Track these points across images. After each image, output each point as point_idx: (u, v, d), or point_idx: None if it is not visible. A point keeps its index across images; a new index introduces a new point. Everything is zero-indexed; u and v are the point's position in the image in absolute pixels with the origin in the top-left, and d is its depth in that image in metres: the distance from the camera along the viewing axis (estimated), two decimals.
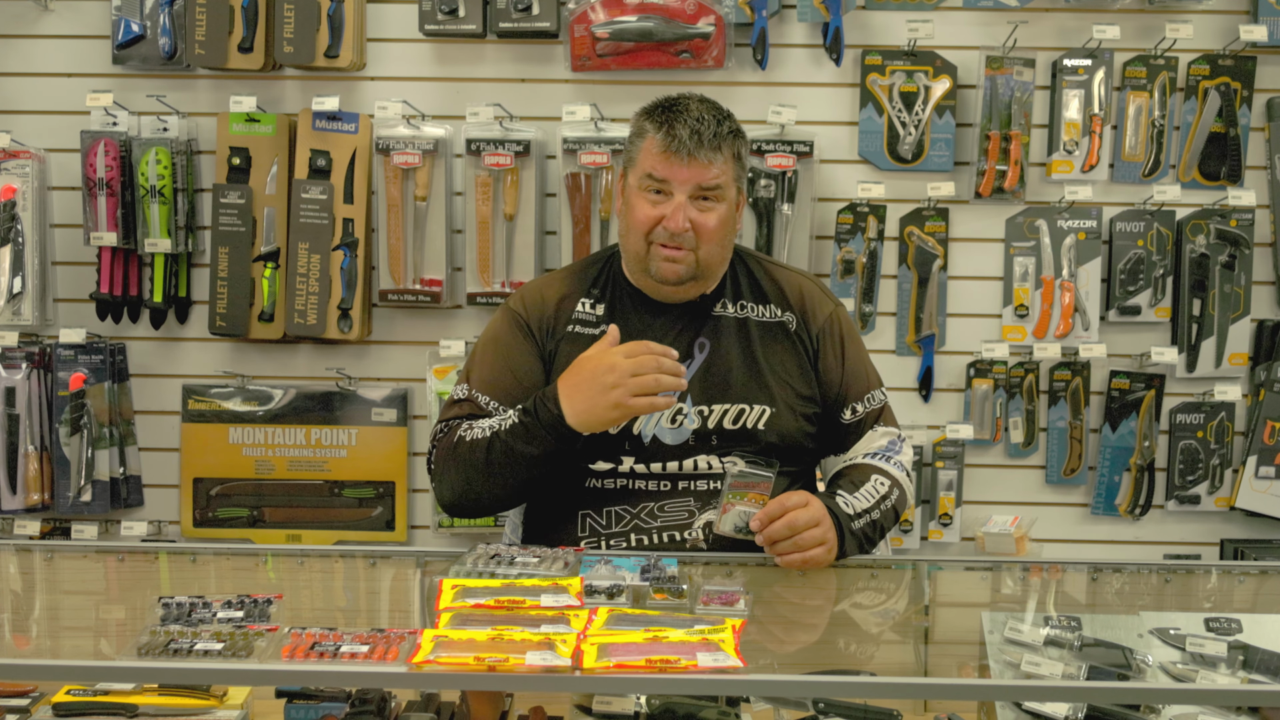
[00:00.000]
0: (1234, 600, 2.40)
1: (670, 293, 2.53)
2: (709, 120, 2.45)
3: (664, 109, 2.48)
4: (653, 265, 2.48)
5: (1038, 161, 3.71)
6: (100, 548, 2.78)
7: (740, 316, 2.57)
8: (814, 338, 2.58)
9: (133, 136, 3.70)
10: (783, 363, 2.55)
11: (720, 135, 2.45)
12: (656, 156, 2.45)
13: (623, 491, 2.48)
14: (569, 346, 2.51)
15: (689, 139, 2.42)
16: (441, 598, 1.97)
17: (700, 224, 2.44)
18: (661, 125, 2.45)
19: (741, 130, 2.53)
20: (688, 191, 2.44)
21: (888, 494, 2.47)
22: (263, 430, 3.77)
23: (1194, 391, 3.74)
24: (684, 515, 2.46)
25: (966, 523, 3.75)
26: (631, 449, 2.48)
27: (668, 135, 2.44)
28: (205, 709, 2.22)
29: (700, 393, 2.50)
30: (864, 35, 3.70)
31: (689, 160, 2.42)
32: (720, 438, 2.49)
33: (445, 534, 3.76)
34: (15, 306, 3.68)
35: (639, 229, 2.47)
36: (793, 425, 2.52)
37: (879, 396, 2.62)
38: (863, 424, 2.58)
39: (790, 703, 2.15)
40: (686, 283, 2.50)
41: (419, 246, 3.71)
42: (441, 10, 3.64)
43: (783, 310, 2.59)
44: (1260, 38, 3.58)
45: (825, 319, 2.59)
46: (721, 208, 2.47)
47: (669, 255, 2.45)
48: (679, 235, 2.43)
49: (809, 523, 2.29)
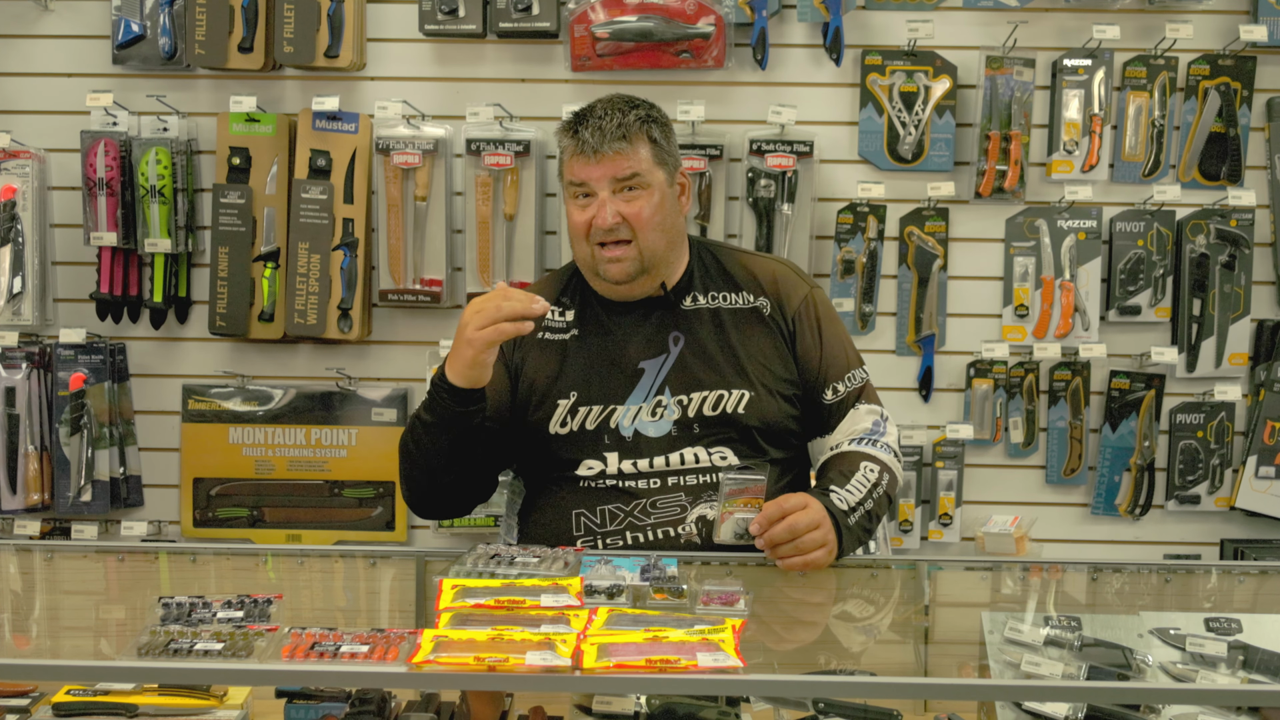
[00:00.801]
0: (1234, 600, 2.40)
1: (626, 290, 2.55)
2: (612, 115, 2.50)
3: (574, 117, 2.55)
4: (600, 268, 2.53)
5: (1038, 161, 3.71)
6: (100, 548, 2.78)
7: (711, 307, 2.59)
8: (789, 320, 2.58)
9: (133, 136, 3.70)
10: (759, 347, 2.56)
11: (626, 125, 2.50)
12: (572, 162, 2.53)
13: (614, 490, 2.49)
14: (537, 354, 2.56)
15: (593, 137, 2.48)
16: (441, 598, 1.97)
17: (630, 214, 2.49)
18: (570, 131, 2.53)
19: (655, 116, 2.56)
20: (607, 187, 2.49)
21: (878, 480, 2.46)
22: (263, 430, 3.77)
23: (1194, 391, 3.74)
24: (676, 510, 2.47)
25: (966, 523, 3.75)
26: (614, 445, 2.50)
27: (575, 139, 2.51)
28: (205, 709, 2.22)
29: (678, 383, 2.52)
30: (864, 35, 3.71)
31: (599, 157, 2.48)
32: (702, 425, 2.50)
33: (445, 534, 3.76)
34: (15, 306, 3.68)
35: (579, 235, 2.53)
36: (773, 408, 2.53)
37: (860, 375, 2.61)
38: (844, 403, 2.57)
39: (790, 703, 2.15)
40: (638, 277, 2.53)
41: (419, 246, 3.71)
42: (441, 10, 3.64)
43: (755, 296, 2.60)
44: (1260, 38, 3.58)
45: (800, 301, 2.60)
46: (649, 194, 2.51)
47: (611, 255, 2.50)
48: (612, 230, 2.48)
49: (809, 525, 2.29)
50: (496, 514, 3.69)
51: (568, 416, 2.51)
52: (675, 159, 2.59)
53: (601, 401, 2.51)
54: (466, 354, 2.34)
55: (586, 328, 2.57)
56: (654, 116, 2.56)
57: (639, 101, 2.57)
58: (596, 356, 2.54)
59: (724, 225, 3.67)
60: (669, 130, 2.59)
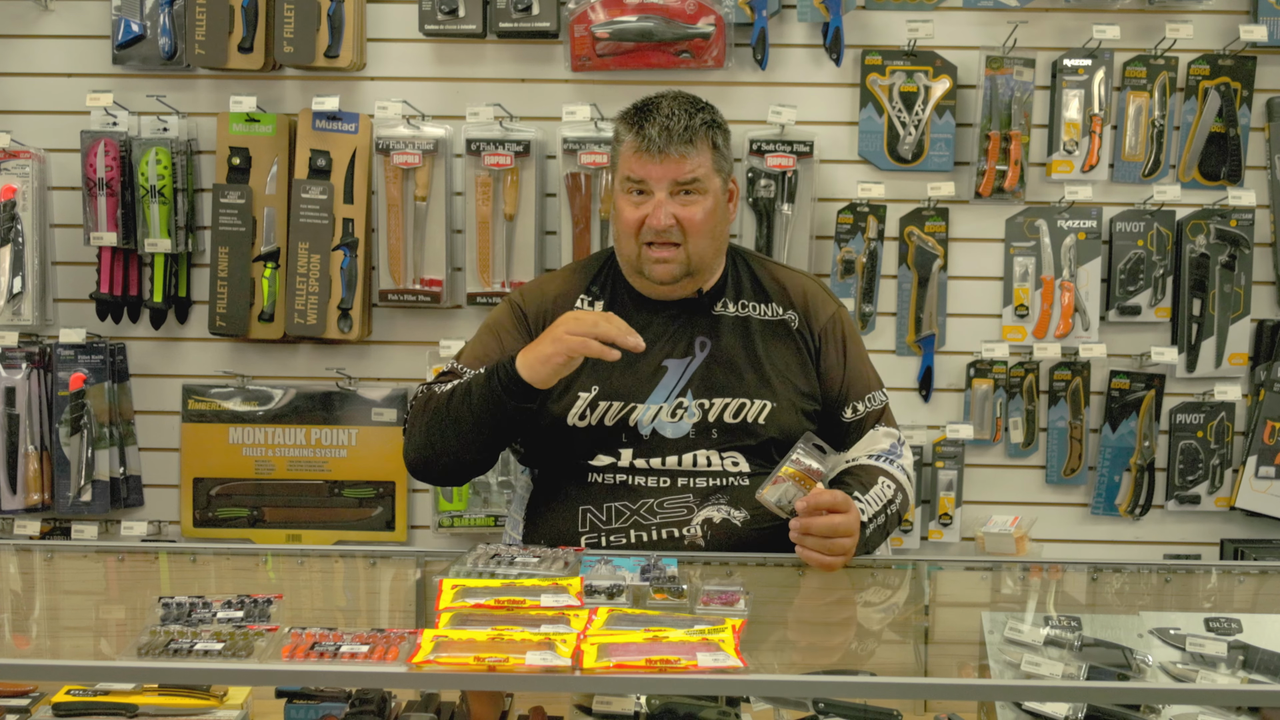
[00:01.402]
0: (1234, 600, 2.40)
1: (667, 291, 2.56)
2: (680, 115, 2.48)
3: (637, 110, 2.53)
4: (645, 267, 2.52)
5: (1038, 161, 3.71)
6: (100, 548, 2.78)
7: (741, 315, 2.59)
8: (816, 336, 2.60)
9: (133, 136, 3.70)
10: (784, 359, 2.57)
11: (692, 129, 2.48)
12: (632, 158, 2.50)
13: (623, 487, 2.49)
14: None
15: (659, 136, 2.46)
16: (441, 598, 1.97)
17: (685, 218, 2.48)
18: (634, 126, 2.50)
19: (718, 121, 2.55)
20: (666, 188, 2.48)
21: (893, 498, 2.48)
22: (263, 430, 3.77)
23: (1194, 391, 3.74)
24: (683, 512, 2.47)
25: (966, 523, 3.75)
26: (631, 442, 2.50)
27: (639, 136, 2.48)
28: (205, 709, 2.22)
29: (701, 387, 2.52)
30: (864, 35, 3.70)
31: (662, 157, 2.46)
32: (720, 431, 2.50)
33: (445, 534, 3.76)
34: (15, 306, 3.68)
35: (627, 231, 2.51)
36: (794, 421, 2.53)
37: (880, 397, 2.63)
38: (863, 423, 2.59)
39: (790, 703, 2.15)
40: (681, 280, 2.53)
41: (419, 246, 3.71)
42: (441, 10, 3.64)
43: (785, 309, 2.61)
44: (1260, 38, 3.58)
45: (828, 318, 2.61)
46: (705, 200, 2.50)
47: (659, 256, 2.49)
48: (665, 232, 2.47)
49: (845, 530, 2.30)
50: (497, 513, 3.69)
51: (587, 410, 2.50)
52: (731, 166, 2.60)
53: (623, 398, 2.51)
54: (547, 350, 2.32)
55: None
56: (718, 122, 2.56)
57: (703, 104, 2.56)
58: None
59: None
60: (729, 137, 2.59)
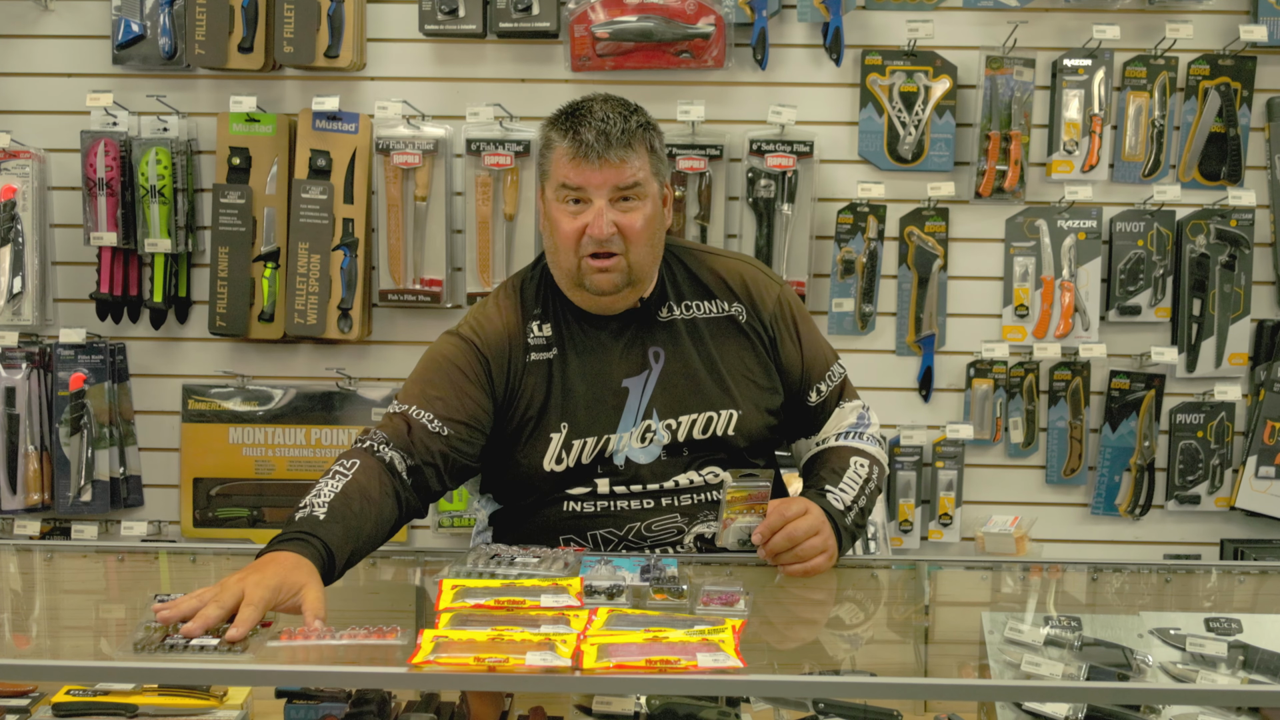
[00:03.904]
0: (1234, 600, 2.40)
1: (608, 303, 2.42)
2: (615, 118, 2.35)
3: (568, 115, 2.39)
4: (586, 279, 2.38)
5: (1038, 161, 3.71)
6: (100, 548, 2.77)
7: (688, 318, 2.47)
8: (768, 327, 2.49)
9: (133, 136, 3.70)
10: (740, 358, 2.47)
11: (630, 131, 2.35)
12: (568, 165, 2.35)
13: (605, 514, 2.41)
14: (532, 378, 2.41)
15: (597, 141, 2.32)
16: (441, 598, 1.97)
17: (625, 225, 2.34)
18: (567, 131, 2.36)
19: (652, 123, 2.42)
20: (606, 195, 2.34)
21: (869, 475, 2.43)
22: (263, 430, 3.77)
23: (1194, 391, 3.74)
24: (674, 532, 2.41)
25: (966, 523, 3.75)
26: (605, 473, 2.40)
27: (575, 141, 2.34)
28: (205, 709, 2.22)
29: (665, 406, 2.41)
30: (864, 35, 3.70)
31: (601, 162, 2.33)
32: (692, 449, 2.42)
33: (445, 534, 3.76)
34: (15, 306, 3.68)
35: (567, 244, 2.36)
36: (759, 424, 2.46)
37: (839, 370, 2.55)
38: (828, 403, 2.52)
39: (790, 703, 2.15)
40: (623, 290, 2.40)
41: (419, 246, 3.71)
42: (441, 10, 3.64)
43: (729, 302, 2.49)
44: (1260, 38, 3.58)
45: (774, 304, 2.50)
46: (644, 205, 2.37)
47: (600, 266, 2.35)
48: (606, 241, 2.34)
49: (808, 532, 2.26)
50: None
51: (562, 453, 2.39)
52: (667, 168, 2.48)
53: (595, 432, 2.39)
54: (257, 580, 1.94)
55: (566, 345, 2.43)
56: (652, 123, 2.43)
57: (635, 105, 2.44)
58: (580, 379, 2.41)
59: (724, 225, 3.67)
60: (663, 138, 2.47)
